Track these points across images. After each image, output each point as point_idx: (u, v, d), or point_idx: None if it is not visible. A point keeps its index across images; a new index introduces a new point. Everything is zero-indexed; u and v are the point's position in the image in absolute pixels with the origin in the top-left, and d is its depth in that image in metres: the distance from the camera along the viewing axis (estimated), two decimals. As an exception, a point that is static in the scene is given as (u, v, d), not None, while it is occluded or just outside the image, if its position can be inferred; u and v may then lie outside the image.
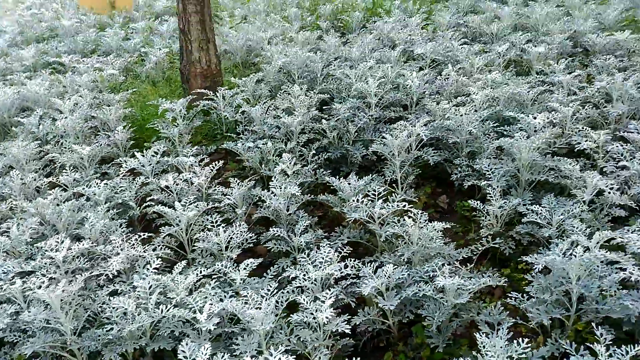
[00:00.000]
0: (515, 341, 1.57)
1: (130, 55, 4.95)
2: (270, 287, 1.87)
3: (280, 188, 2.43)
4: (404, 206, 2.22)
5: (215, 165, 2.75)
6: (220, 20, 5.79)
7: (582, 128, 2.78)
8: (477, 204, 2.39)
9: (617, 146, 2.51)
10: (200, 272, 1.97)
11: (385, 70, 3.54)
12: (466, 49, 4.00)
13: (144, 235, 2.28)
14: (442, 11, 5.21)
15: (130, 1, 6.61)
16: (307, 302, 1.75)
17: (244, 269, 2.00)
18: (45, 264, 2.11)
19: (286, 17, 5.39)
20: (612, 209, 2.26)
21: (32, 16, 6.59)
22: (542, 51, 3.84)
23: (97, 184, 2.64)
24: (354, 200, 2.34)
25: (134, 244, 2.19)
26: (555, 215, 2.19)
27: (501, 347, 1.54)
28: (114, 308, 1.82)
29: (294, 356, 1.55)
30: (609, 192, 2.20)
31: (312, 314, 1.73)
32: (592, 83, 3.33)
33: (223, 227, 2.28)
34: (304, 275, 1.92)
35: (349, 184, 2.50)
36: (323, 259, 1.99)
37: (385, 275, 1.86)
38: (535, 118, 2.73)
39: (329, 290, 1.81)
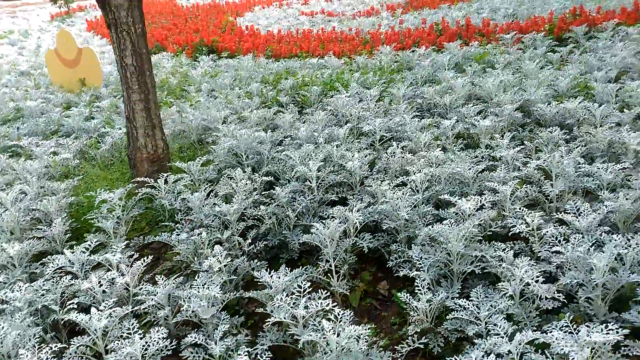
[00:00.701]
0: None
1: (89, 137, 4.95)
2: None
3: (202, 287, 2.35)
4: (328, 305, 2.13)
5: (145, 261, 2.67)
6: (187, 95, 5.86)
7: (520, 209, 2.73)
8: (407, 297, 2.30)
9: (552, 229, 2.46)
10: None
11: (330, 149, 3.53)
12: (415, 123, 4.02)
13: (55, 346, 2.17)
14: (400, 82, 5.29)
15: (100, 79, 6.71)
16: None
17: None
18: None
19: (249, 93, 5.46)
20: (542, 301, 2.18)
21: (2, 95, 6.66)
22: (488, 124, 3.86)
23: (19, 287, 2.55)
24: (279, 299, 2.25)
25: (47, 358, 2.08)
26: (483, 310, 2.11)
27: None
28: None
29: None
30: (534, 285, 2.13)
31: None
32: (536, 158, 3.33)
33: (140, 333, 2.18)
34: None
35: (279, 277, 2.42)
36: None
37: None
38: (468, 201, 2.68)
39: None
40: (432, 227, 2.52)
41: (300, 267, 2.64)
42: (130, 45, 3.46)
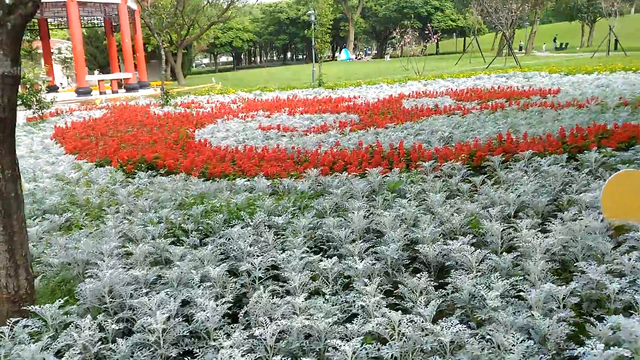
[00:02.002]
0: None
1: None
2: None
3: None
4: None
5: None
6: (104, 216, 5.87)
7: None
8: None
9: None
10: None
11: (193, 293, 3.48)
12: (296, 262, 4.01)
13: None
14: (306, 211, 5.36)
15: None
16: None
17: None
18: None
19: (160, 218, 5.48)
20: None
21: None
22: (361, 268, 3.84)
23: None
24: None
25: None
26: None
27: None
28: None
29: None
30: None
31: None
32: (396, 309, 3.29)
33: None
34: None
35: None
36: None
37: None
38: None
39: None
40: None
41: None
42: (-5, 189, 3.50)
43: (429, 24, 34.30)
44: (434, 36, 30.01)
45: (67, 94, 30.30)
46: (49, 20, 34.94)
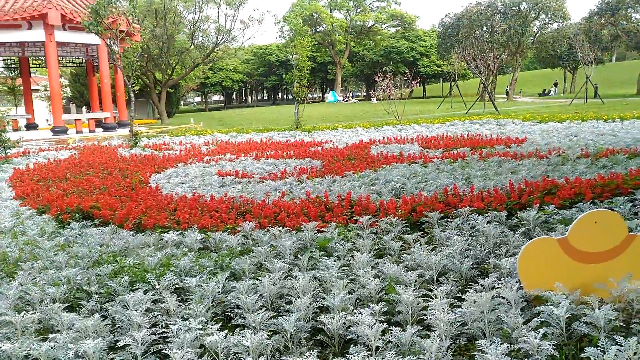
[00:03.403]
0: None
1: None
2: None
3: None
4: None
5: None
6: (18, 272, 5.53)
7: None
8: None
9: None
10: None
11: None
12: (186, 335, 3.70)
13: None
14: (221, 274, 5.07)
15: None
16: None
17: None
18: None
19: (67, 279, 5.17)
20: None
21: None
22: (253, 345, 3.54)
23: None
24: None
25: None
26: None
27: None
28: None
29: None
30: None
31: None
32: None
33: None
34: None
35: None
36: None
37: None
38: None
39: None
40: None
41: None
42: None
43: (406, 70, 34.76)
44: (413, 82, 30.35)
45: (43, 133, 30.11)
46: (30, 58, 35.11)
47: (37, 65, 35.16)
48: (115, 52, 18.01)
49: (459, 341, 3.77)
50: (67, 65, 36.05)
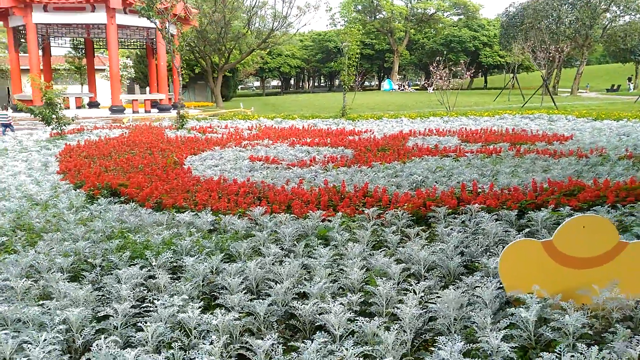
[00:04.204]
0: None
1: None
2: None
3: None
4: None
5: None
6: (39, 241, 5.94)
7: None
8: None
9: None
10: None
11: None
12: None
13: None
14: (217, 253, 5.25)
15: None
16: None
17: None
18: None
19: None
20: None
21: None
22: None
23: None
24: None
25: None
26: None
27: None
28: None
29: None
30: None
31: None
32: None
33: None
34: None
35: None
36: None
37: None
38: None
39: None
40: None
41: None
42: None
43: (466, 60, 33.86)
44: (468, 72, 29.54)
45: (102, 111, 31.66)
46: (94, 40, 36.90)
47: (103, 47, 36.81)
48: (166, 36, 18.64)
49: (425, 336, 3.78)
50: (129, 47, 37.65)
